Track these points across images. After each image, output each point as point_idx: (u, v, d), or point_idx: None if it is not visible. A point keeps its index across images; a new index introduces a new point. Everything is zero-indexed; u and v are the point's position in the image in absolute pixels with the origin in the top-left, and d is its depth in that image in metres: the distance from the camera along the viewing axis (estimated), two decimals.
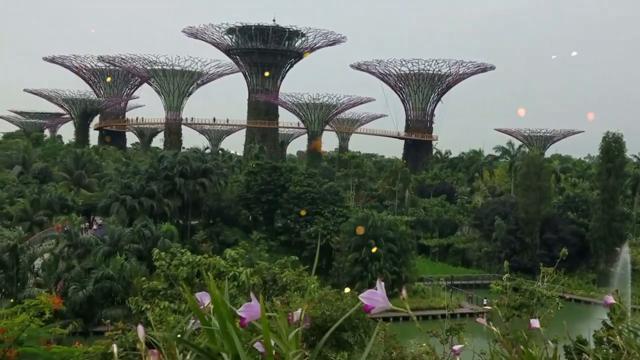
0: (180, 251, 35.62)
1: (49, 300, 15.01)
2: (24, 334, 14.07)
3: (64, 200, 75.73)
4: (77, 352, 14.69)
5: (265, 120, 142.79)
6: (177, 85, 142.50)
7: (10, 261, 37.80)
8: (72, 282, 43.03)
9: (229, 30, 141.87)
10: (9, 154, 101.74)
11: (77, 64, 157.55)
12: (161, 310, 27.59)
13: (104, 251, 51.95)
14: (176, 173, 77.40)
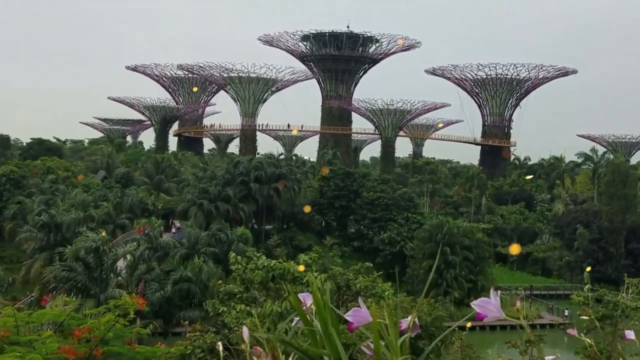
0: (256, 255, 36.05)
1: (133, 300, 15.50)
2: (110, 334, 14.55)
3: (144, 204, 78.07)
4: (160, 353, 15.11)
5: (338, 126, 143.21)
6: (252, 92, 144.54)
7: (94, 262, 39.22)
8: (151, 283, 44.28)
9: (303, 37, 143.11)
10: (94, 159, 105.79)
11: (157, 72, 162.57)
12: (237, 314, 28.02)
13: (182, 254, 53.26)
14: (251, 178, 78.64)
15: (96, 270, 38.99)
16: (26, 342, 13.64)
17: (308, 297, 1.99)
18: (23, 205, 72.24)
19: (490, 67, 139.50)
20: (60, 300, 17.32)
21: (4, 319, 14.56)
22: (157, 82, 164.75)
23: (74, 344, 13.68)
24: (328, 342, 1.88)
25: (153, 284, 43.54)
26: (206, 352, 25.60)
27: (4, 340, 13.44)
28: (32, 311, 16.70)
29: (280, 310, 27.77)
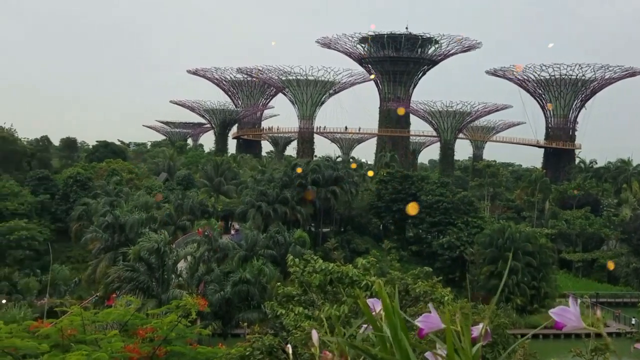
0: (313, 258, 36.09)
1: (195, 301, 15.81)
2: (173, 334, 14.85)
3: (204, 206, 79.26)
4: (220, 354, 15.34)
5: (396, 129, 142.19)
6: (310, 94, 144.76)
7: (156, 263, 40.11)
8: (211, 284, 45.00)
9: (361, 40, 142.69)
10: (156, 161, 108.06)
11: (217, 76, 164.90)
12: (296, 316, 28.16)
13: (241, 256, 53.89)
14: (308, 181, 78.68)
15: (158, 271, 39.84)
16: (92, 341, 14.08)
17: (377, 303, 2.00)
18: (89, 207, 74.44)
19: (553, 67, 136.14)
20: (124, 299, 17.82)
21: (71, 317, 15.08)
22: (217, 85, 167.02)
23: (138, 343, 14.04)
24: (398, 348, 1.89)
25: (213, 285, 44.28)
26: (265, 354, 25.83)
27: (71, 339, 13.92)
28: (98, 310, 17.21)
29: (339, 314, 27.75)
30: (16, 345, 12.19)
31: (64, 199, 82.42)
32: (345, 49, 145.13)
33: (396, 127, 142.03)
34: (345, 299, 23.05)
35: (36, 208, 79.54)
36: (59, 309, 23.55)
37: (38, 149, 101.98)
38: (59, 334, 13.47)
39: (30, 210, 77.71)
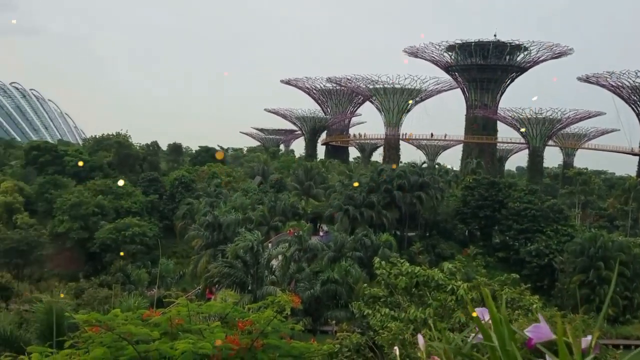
0: (400, 261, 35.89)
1: (290, 298, 16.08)
2: (269, 328, 15.15)
3: (295, 208, 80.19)
4: (313, 349, 15.51)
5: (482, 135, 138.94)
6: (396, 102, 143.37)
7: (251, 260, 41.02)
8: (301, 282, 45.53)
9: (448, 48, 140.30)
10: (251, 165, 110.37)
11: (308, 85, 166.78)
12: (382, 317, 28.07)
13: (330, 256, 54.14)
14: (395, 186, 78.07)
15: (253, 268, 40.72)
16: (197, 331, 14.60)
17: (485, 312, 2.03)
18: (192, 206, 77.02)
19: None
20: (224, 293, 18.39)
21: (178, 308, 15.71)
22: (308, 94, 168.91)
23: (238, 335, 14.45)
24: (506, 358, 1.91)
25: (303, 283, 44.77)
26: (352, 352, 25.94)
27: (178, 328, 14.51)
28: (202, 303, 17.85)
29: (424, 316, 27.44)
30: (131, 331, 12.82)
31: (171, 199, 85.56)
32: (432, 58, 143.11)
33: (483, 133, 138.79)
34: (430, 302, 22.72)
35: (147, 207, 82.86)
36: (167, 299, 24.60)
37: (148, 153, 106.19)
38: (168, 322, 14.03)
39: (141, 208, 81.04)
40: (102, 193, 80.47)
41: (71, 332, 17.01)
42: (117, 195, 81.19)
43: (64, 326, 20.07)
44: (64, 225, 74.05)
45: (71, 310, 23.47)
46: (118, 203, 79.44)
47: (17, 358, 13.17)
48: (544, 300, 54.14)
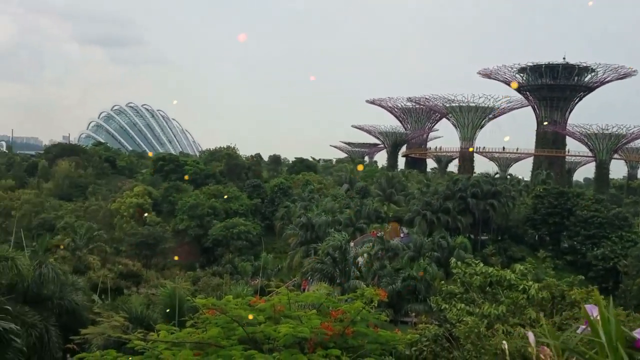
0: (474, 262, 34.85)
1: (377, 292, 15.94)
2: (358, 317, 15.05)
3: (378, 213, 79.72)
4: (397, 337, 15.29)
5: (552, 149, 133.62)
6: (471, 119, 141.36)
7: (339, 257, 41.05)
8: (384, 278, 45.10)
9: (520, 70, 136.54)
10: (340, 174, 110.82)
11: (390, 104, 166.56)
12: (458, 311, 27.31)
13: (409, 256, 53.41)
14: (469, 194, 76.68)
15: (341, 264, 40.72)
16: (296, 317, 14.72)
17: (594, 309, 1.90)
18: (289, 209, 78.03)
19: None
20: (318, 285, 18.43)
21: (279, 296, 15.92)
22: (390, 112, 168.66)
23: (331, 322, 14.44)
24: (613, 355, 1.77)
25: (385, 279, 44.34)
26: (431, 342, 25.32)
27: (280, 314, 14.68)
28: (298, 293, 18.01)
29: (497, 312, 26.46)
30: (241, 315, 13.12)
31: (271, 203, 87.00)
32: (505, 79, 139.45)
33: (552, 148, 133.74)
34: (503, 299, 21.86)
35: (251, 209, 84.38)
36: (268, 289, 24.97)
37: (253, 163, 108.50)
38: (271, 309, 14.25)
39: (246, 210, 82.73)
40: (215, 197, 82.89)
41: (190, 313, 17.62)
42: (227, 198, 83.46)
43: (184, 308, 20.86)
44: (183, 223, 76.86)
45: (190, 295, 24.31)
46: (227, 205, 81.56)
47: (147, 334, 13.78)
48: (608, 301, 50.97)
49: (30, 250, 32.67)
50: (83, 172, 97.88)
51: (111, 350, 12.84)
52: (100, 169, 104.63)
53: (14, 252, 24.34)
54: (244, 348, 12.67)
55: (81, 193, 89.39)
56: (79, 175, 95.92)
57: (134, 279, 54.23)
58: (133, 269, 56.04)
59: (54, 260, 33.33)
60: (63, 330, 22.58)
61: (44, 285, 24.17)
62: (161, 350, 12.42)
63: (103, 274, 46.70)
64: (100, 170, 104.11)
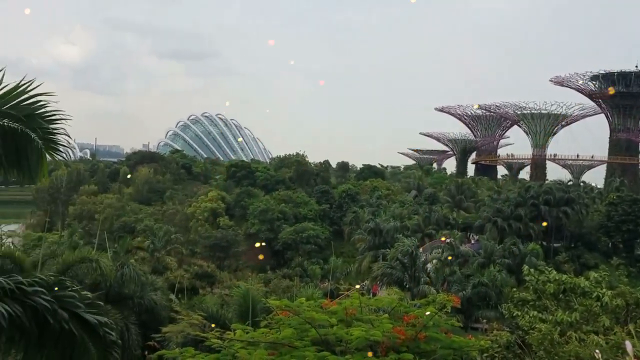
0: (547, 269, 33.33)
1: (449, 298, 15.42)
2: (431, 322, 14.61)
3: (447, 219, 78.02)
4: (471, 344, 14.71)
5: (625, 156, 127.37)
6: (543, 126, 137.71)
7: (408, 263, 40.31)
8: (454, 284, 43.93)
9: (592, 78, 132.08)
10: (408, 181, 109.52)
11: (459, 112, 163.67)
12: (530, 318, 26.21)
13: (479, 262, 51.92)
14: (541, 201, 74.31)
15: (410, 269, 40.00)
16: (367, 320, 14.42)
17: None
18: (357, 214, 77.72)
19: None
20: (390, 290, 18.04)
21: (351, 300, 15.67)
22: (459, 119, 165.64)
23: (403, 327, 14.05)
24: None
25: (455, 285, 43.19)
26: (503, 348, 24.33)
27: (351, 317, 14.42)
28: (370, 297, 17.74)
29: (570, 320, 25.10)
30: (314, 317, 12.96)
31: (339, 208, 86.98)
32: (577, 86, 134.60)
33: (625, 155, 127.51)
34: (576, 306, 20.71)
35: (320, 214, 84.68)
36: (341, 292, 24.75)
37: (321, 170, 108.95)
38: (343, 311, 14.02)
39: (315, 215, 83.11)
40: (285, 202, 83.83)
41: (264, 314, 17.66)
42: (296, 204, 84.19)
43: (257, 308, 20.96)
44: (255, 227, 78.14)
45: (262, 296, 24.48)
46: (297, 210, 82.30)
47: (223, 332, 13.88)
48: None
49: (112, 251, 34.02)
50: (161, 178, 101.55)
51: (189, 348, 12.98)
52: (177, 175, 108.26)
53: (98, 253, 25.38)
54: (317, 349, 12.49)
55: (159, 198, 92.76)
56: (158, 181, 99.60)
57: (208, 279, 55.44)
58: (208, 270, 57.31)
59: (134, 261, 34.58)
60: (142, 328, 23.24)
61: (125, 285, 24.98)
62: (237, 349, 12.44)
63: (180, 275, 48.04)
64: (177, 176, 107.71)
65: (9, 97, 5.98)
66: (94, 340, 8.44)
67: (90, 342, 8.32)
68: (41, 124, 6.31)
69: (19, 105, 6.10)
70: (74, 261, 22.64)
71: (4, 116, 5.94)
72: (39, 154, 6.44)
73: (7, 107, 6.00)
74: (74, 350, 8.27)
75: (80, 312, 8.31)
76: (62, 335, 8.24)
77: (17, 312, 7.48)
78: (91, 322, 8.32)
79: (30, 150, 6.36)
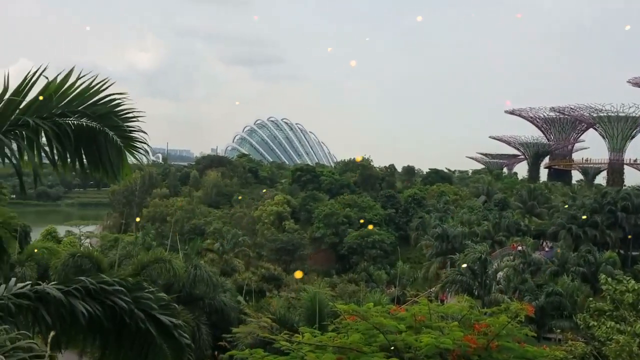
0: (625, 278, 31.67)
1: (524, 306, 14.92)
2: (503, 331, 14.23)
3: (518, 225, 75.61)
4: (545, 354, 14.16)
5: None
6: (620, 129, 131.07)
7: (479, 270, 39.26)
8: (525, 292, 42.45)
9: None
10: (476, 186, 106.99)
11: (531, 115, 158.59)
12: (607, 329, 24.98)
13: (552, 270, 49.96)
14: (619, 208, 70.91)
15: (480, 277, 38.97)
16: (436, 328, 14.18)
17: None
18: (423, 220, 76.70)
19: None
20: (460, 297, 17.65)
21: (420, 306, 15.45)
22: (531, 122, 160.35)
23: (475, 335, 13.72)
24: None
25: (527, 294, 41.72)
26: (577, 359, 23.34)
27: (420, 324, 14.22)
28: (439, 304, 17.40)
29: None
30: (382, 323, 12.87)
31: (405, 213, 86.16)
32: None
33: None
34: None
35: (385, 219, 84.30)
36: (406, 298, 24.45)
37: (386, 174, 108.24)
38: (412, 318, 13.85)
39: (380, 220, 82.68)
40: (349, 206, 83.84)
41: (330, 318, 17.71)
42: (361, 208, 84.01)
43: (324, 312, 21.07)
44: (320, 231, 78.57)
45: (329, 300, 24.55)
46: (362, 214, 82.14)
47: (292, 335, 14.06)
48: None
49: (183, 253, 35.10)
50: (229, 182, 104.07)
51: (259, 349, 13.22)
52: (244, 179, 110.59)
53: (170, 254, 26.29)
54: (385, 355, 12.40)
55: (227, 201, 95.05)
56: (226, 185, 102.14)
57: (275, 282, 56.09)
58: (274, 273, 58.03)
59: (204, 262, 35.57)
60: (212, 329, 23.85)
61: (196, 286, 25.72)
62: (305, 352, 12.56)
63: (247, 277, 48.97)
64: (244, 179, 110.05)
65: (85, 97, 6.16)
66: (168, 341, 8.71)
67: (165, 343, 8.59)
68: (117, 122, 6.34)
69: (95, 105, 6.19)
70: (148, 261, 23.56)
71: (81, 115, 6.09)
72: (119, 153, 6.56)
73: (84, 106, 6.18)
74: (149, 351, 8.54)
75: (156, 313, 8.58)
76: (138, 335, 8.52)
77: (97, 312, 7.80)
78: (166, 324, 8.57)
79: (110, 149, 6.43)
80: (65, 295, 7.44)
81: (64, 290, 7.44)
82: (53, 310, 7.29)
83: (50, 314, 7.02)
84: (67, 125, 6.09)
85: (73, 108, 6.11)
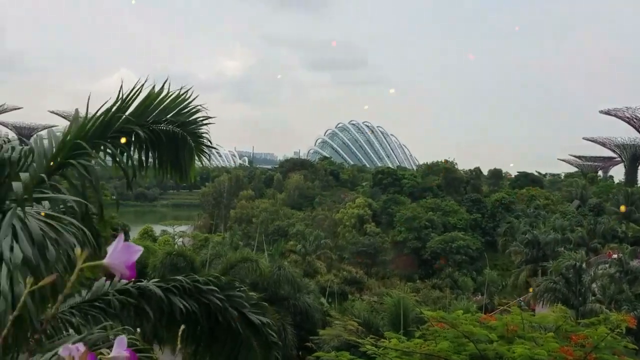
0: None
1: (624, 318, 14.02)
2: (602, 344, 13.45)
3: (614, 232, 71.44)
4: None
5: None
6: None
7: (573, 278, 37.31)
8: (623, 302, 39.84)
9: None
10: (569, 190, 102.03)
11: (628, 115, 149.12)
12: None
13: None
14: None
15: (575, 286, 36.99)
16: (530, 338, 13.62)
17: None
18: (512, 225, 74.07)
19: None
20: (554, 307, 16.86)
21: (511, 315, 14.90)
22: (628, 123, 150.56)
23: (571, 347, 13.07)
24: None
25: (624, 304, 39.10)
26: None
27: (512, 334, 13.71)
28: (534, 313, 16.69)
29: None
30: (472, 331, 12.53)
31: (492, 218, 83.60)
32: None
33: None
34: None
35: (470, 223, 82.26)
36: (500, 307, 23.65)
37: (472, 177, 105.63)
38: (504, 327, 13.38)
39: (465, 225, 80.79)
40: (432, 210, 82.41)
41: (415, 324, 17.47)
42: (445, 212, 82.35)
43: (409, 318, 20.82)
44: (401, 235, 77.74)
45: (414, 306, 24.22)
46: (445, 219, 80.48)
47: (378, 340, 13.96)
48: None
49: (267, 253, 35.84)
50: (311, 184, 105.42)
51: (345, 352, 13.27)
52: (326, 182, 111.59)
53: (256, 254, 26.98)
54: None
55: (309, 203, 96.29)
56: (308, 187, 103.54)
57: (357, 285, 56.14)
58: (356, 276, 58.11)
59: (287, 263, 36.22)
60: (296, 329, 24.21)
61: (281, 286, 26.23)
62: (392, 358, 12.45)
63: (330, 279, 49.29)
64: (325, 182, 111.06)
65: (173, 105, 6.62)
66: (257, 339, 8.93)
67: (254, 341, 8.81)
68: (194, 129, 6.77)
69: (180, 113, 6.61)
70: (236, 261, 24.34)
71: (170, 123, 6.55)
72: (191, 155, 6.93)
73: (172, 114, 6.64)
74: (240, 349, 8.82)
75: (246, 311, 8.84)
76: (230, 333, 8.81)
77: (192, 309, 8.14)
78: (255, 323, 8.82)
79: (186, 152, 6.85)
80: (165, 293, 7.83)
81: (163, 288, 7.85)
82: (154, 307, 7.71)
83: (152, 310, 7.43)
84: (161, 132, 6.55)
85: (164, 116, 6.55)
